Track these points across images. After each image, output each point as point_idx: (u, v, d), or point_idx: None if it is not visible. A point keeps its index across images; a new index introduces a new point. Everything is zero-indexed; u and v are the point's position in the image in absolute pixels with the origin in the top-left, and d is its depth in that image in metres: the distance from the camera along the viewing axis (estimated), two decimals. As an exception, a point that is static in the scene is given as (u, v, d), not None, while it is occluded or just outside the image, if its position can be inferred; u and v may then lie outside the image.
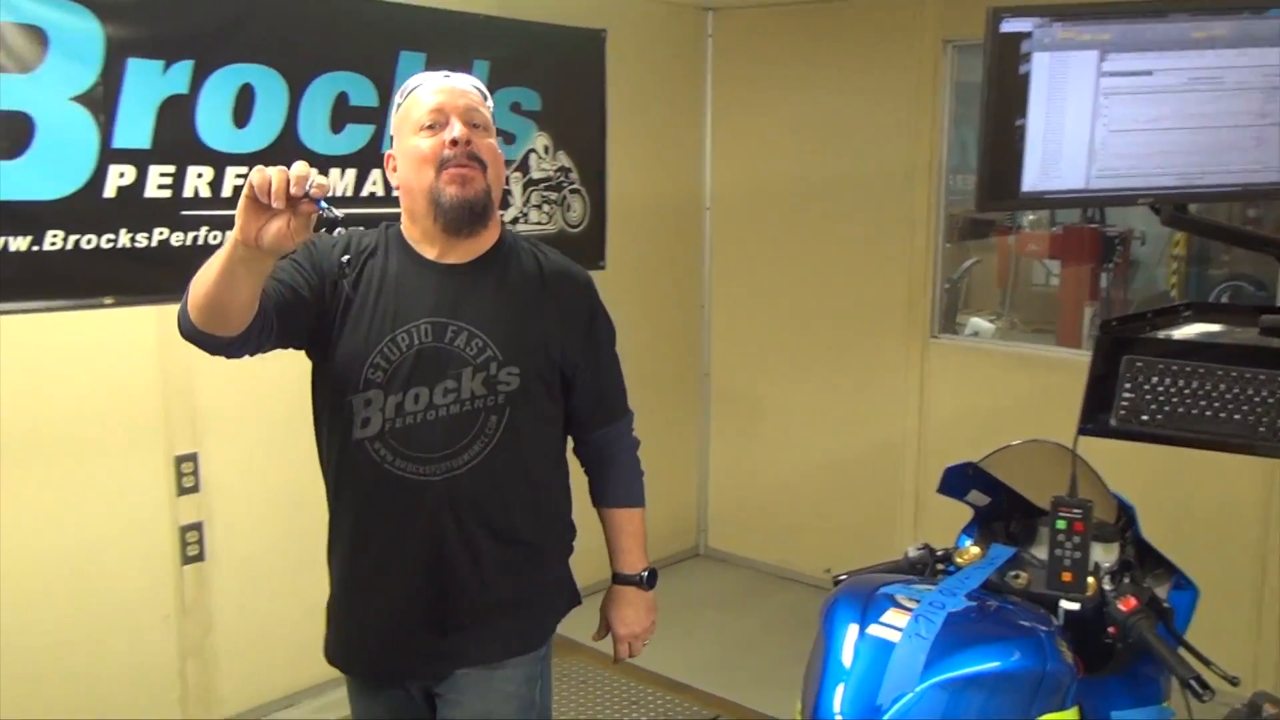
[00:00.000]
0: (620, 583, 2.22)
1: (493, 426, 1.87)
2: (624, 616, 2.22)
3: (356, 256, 1.89)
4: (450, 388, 1.83)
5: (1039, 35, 1.76)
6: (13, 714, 2.95)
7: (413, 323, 1.85)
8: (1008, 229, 5.13)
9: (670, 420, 5.02)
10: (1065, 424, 2.18)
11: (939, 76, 4.24)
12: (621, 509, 2.19)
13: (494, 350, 1.86)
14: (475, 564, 1.90)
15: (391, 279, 1.88)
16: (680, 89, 4.86)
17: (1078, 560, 1.85)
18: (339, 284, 1.86)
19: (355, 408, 1.84)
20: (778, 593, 4.78)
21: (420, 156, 1.85)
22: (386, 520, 1.88)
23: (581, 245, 4.39)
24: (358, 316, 1.85)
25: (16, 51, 2.76)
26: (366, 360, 1.83)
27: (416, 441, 1.84)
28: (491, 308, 1.89)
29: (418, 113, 1.88)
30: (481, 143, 1.87)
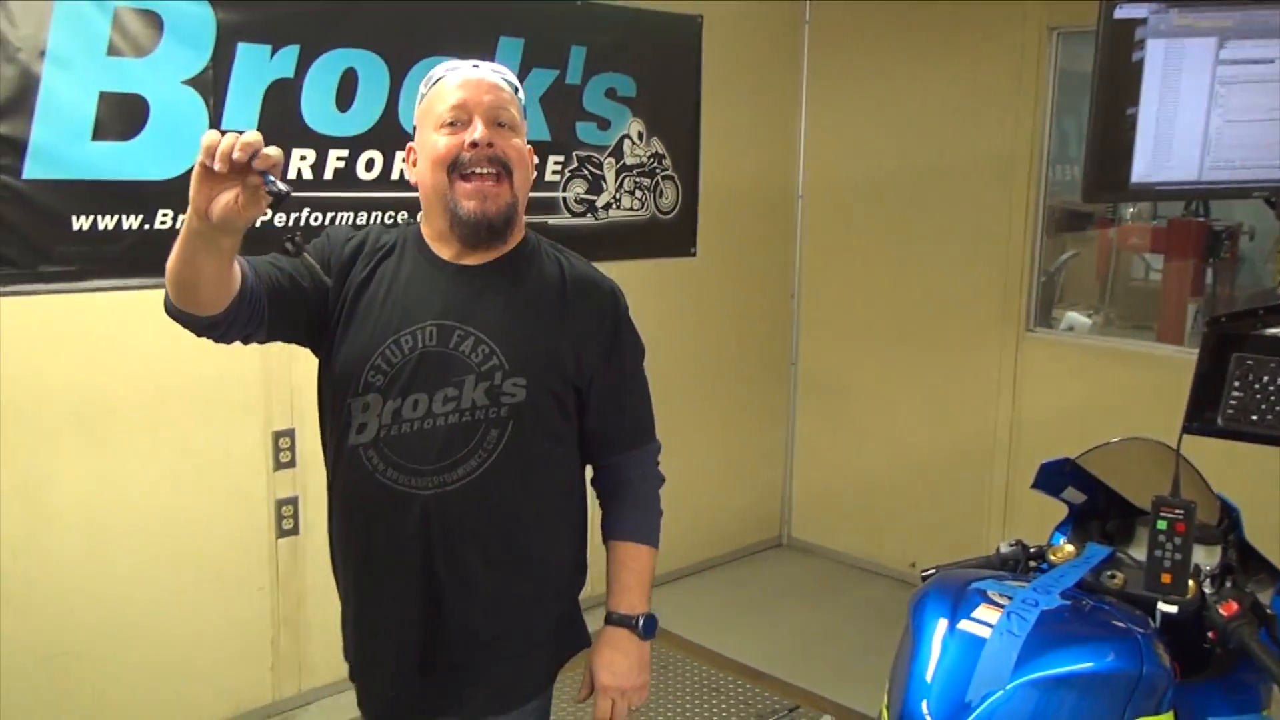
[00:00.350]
0: (612, 624, 1.86)
1: (493, 441, 1.70)
2: (611, 663, 1.84)
3: (370, 254, 1.77)
4: (451, 395, 1.69)
5: (1154, 21, 1.71)
6: (112, 668, 3.07)
7: (418, 325, 1.71)
8: (1108, 221, 5.00)
9: (756, 409, 5.01)
10: (1165, 422, 2.12)
11: (1043, 65, 4.14)
12: (628, 542, 1.89)
13: (500, 358, 1.71)
14: (465, 589, 1.73)
15: (403, 279, 1.76)
16: (776, 76, 4.83)
17: (1178, 562, 1.81)
18: (347, 280, 1.75)
19: (353, 411, 1.71)
20: (860, 585, 4.74)
21: (436, 156, 1.71)
22: (375, 533, 1.74)
23: (673, 232, 4.41)
24: (364, 317, 1.73)
25: (133, 36, 2.85)
26: (368, 362, 1.71)
27: (410, 451, 1.69)
28: (503, 313, 1.74)
29: (440, 106, 1.73)
30: (507, 144, 1.72)
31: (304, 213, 3.23)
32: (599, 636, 1.88)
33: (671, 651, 3.96)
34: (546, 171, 3.89)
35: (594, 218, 4.08)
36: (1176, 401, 1.98)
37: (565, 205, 3.98)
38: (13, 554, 2.90)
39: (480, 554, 1.72)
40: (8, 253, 2.75)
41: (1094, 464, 2.11)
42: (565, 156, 3.94)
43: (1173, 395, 1.95)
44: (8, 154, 2.71)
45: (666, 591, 4.60)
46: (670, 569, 4.71)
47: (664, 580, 4.66)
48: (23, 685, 2.94)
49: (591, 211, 4.07)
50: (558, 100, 3.86)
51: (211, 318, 1.59)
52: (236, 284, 1.58)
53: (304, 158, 3.22)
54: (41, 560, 2.94)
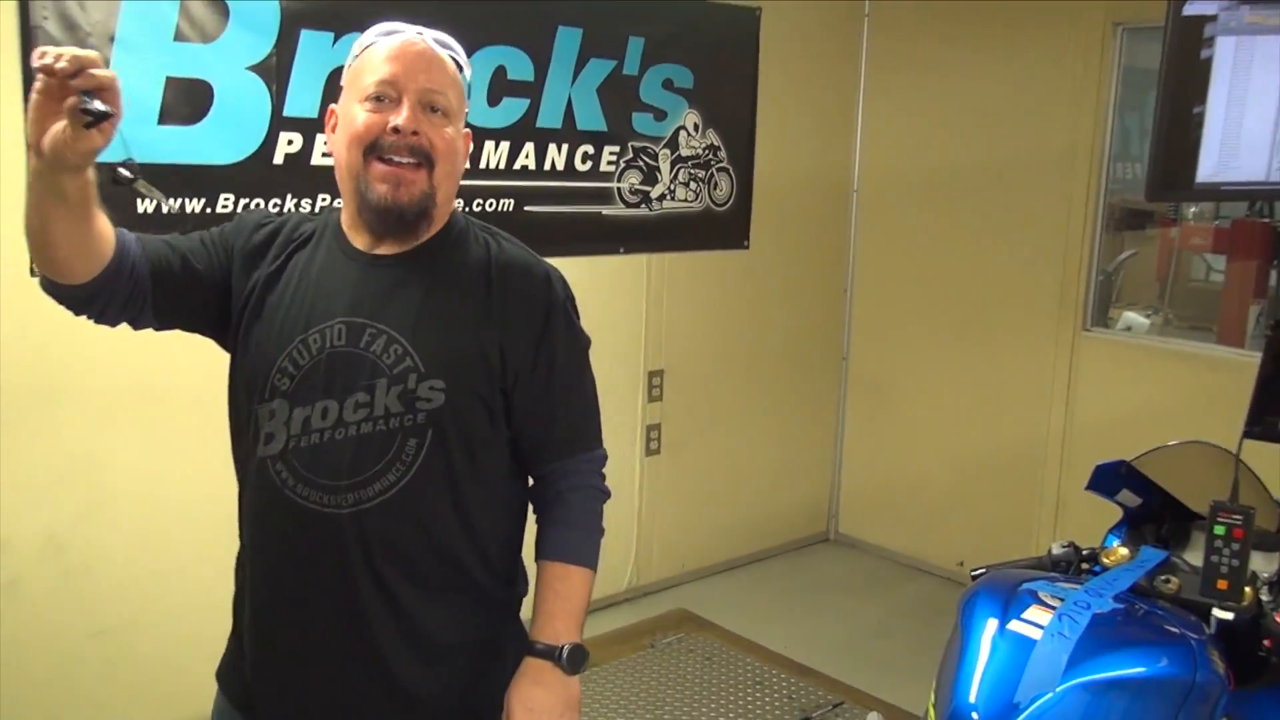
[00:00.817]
0: (533, 654, 1.56)
1: (411, 452, 1.49)
2: (529, 699, 1.53)
3: (285, 244, 1.59)
4: (363, 401, 1.49)
5: (1225, 19, 1.68)
6: (165, 644, 3.12)
7: (326, 323, 1.52)
8: (1170, 220, 4.92)
9: (806, 403, 4.99)
10: (1223, 425, 2.09)
11: (1106, 61, 4.08)
12: (556, 563, 1.61)
13: (414, 359, 1.50)
14: (394, 617, 1.52)
15: (314, 272, 1.56)
16: (834, 69, 4.80)
17: (1235, 568, 1.78)
18: (255, 272, 1.56)
19: (260, 419, 1.52)
20: (907, 582, 4.72)
21: (353, 132, 1.50)
22: (290, 557, 1.54)
23: (726, 224, 4.40)
24: (271, 314, 1.54)
25: (199, 22, 2.90)
26: (274, 365, 1.51)
27: (321, 465, 1.49)
28: (419, 308, 1.53)
29: (369, 76, 1.51)
30: (435, 133, 1.51)
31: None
32: (520, 668, 1.56)
33: (716, 643, 3.97)
34: (602, 162, 3.90)
35: (648, 209, 4.09)
36: (1236, 404, 1.95)
37: (620, 196, 3.99)
38: (70, 529, 2.97)
39: (408, 576, 1.52)
40: (74, 235, 2.81)
41: (1150, 467, 2.09)
42: (621, 147, 3.95)
43: (1232, 398, 1.93)
44: (77, 137, 2.76)
45: (712, 584, 4.61)
46: (717, 561, 4.71)
47: (710, 572, 4.67)
48: (77, 660, 3.02)
49: (646, 203, 4.07)
50: (615, 91, 3.87)
51: (81, 289, 1.42)
52: (106, 253, 1.42)
53: (363, 145, 3.25)
54: (97, 537, 3.01)
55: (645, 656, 3.85)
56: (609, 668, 3.73)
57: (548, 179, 3.75)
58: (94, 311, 1.48)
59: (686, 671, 3.75)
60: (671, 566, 4.53)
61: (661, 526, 4.44)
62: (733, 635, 4.05)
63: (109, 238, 1.44)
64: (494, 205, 3.61)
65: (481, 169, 3.55)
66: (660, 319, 4.28)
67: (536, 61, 3.63)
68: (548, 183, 3.75)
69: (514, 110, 3.60)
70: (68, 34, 2.70)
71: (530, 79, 3.63)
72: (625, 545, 4.33)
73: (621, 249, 4.06)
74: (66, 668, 2.99)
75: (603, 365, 4.68)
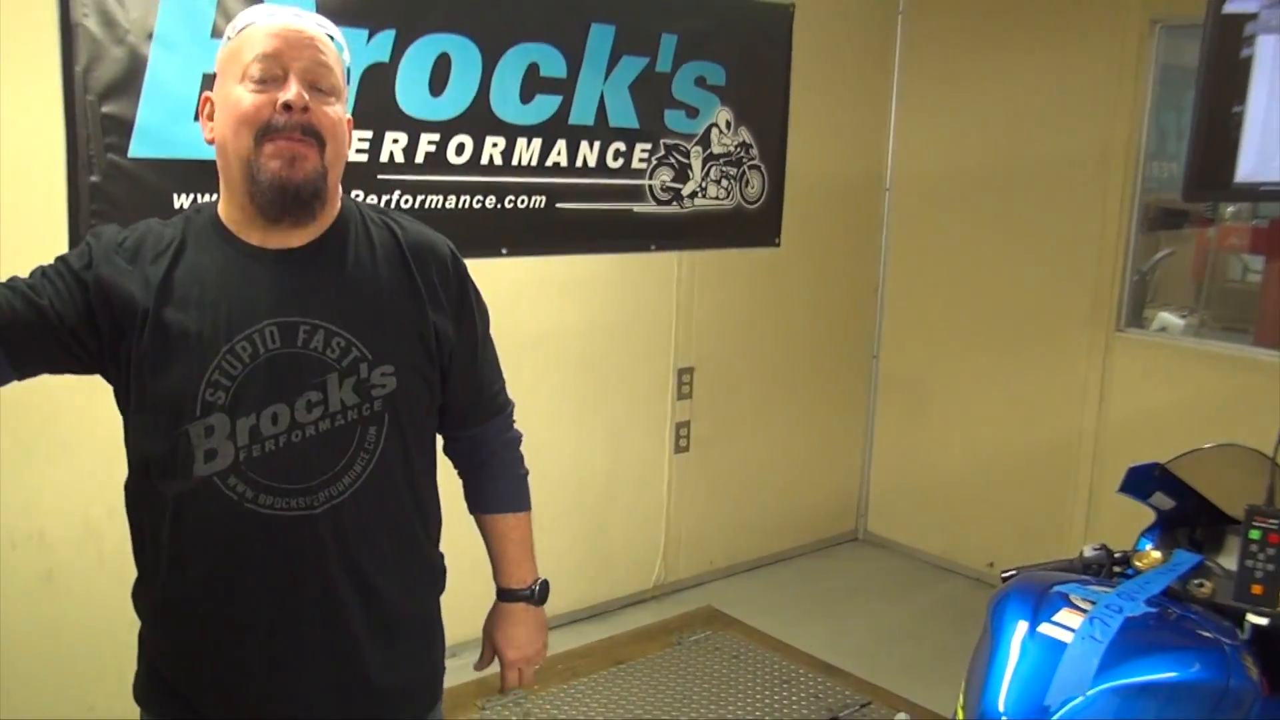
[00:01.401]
0: (508, 599, 1.79)
1: (372, 440, 1.51)
2: (513, 638, 1.79)
3: (155, 256, 1.49)
4: (315, 400, 1.47)
5: (1266, 17, 1.66)
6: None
7: (252, 327, 1.46)
8: (1207, 220, 4.86)
9: (836, 401, 4.98)
10: (1259, 427, 2.07)
11: (1144, 58, 4.04)
12: (508, 514, 1.78)
13: (360, 349, 1.50)
14: (364, 604, 1.55)
15: (213, 276, 1.48)
16: (867, 67, 4.78)
17: (1270, 573, 1.76)
18: (133, 294, 1.46)
19: (194, 439, 1.44)
20: (937, 582, 4.70)
21: (239, 114, 1.44)
22: (256, 568, 1.49)
23: (758, 222, 4.39)
24: (180, 330, 1.45)
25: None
26: (202, 379, 1.44)
27: (283, 471, 1.47)
28: (347, 296, 1.51)
29: (248, 55, 1.45)
30: (322, 111, 1.47)
31: (395, 195, 3.29)
32: (495, 613, 1.80)
33: (744, 641, 3.97)
34: (634, 159, 3.90)
35: (679, 206, 4.09)
36: (1272, 406, 1.93)
37: (651, 193, 3.99)
38: (109, 519, 2.99)
39: (375, 560, 1.56)
40: (113, 228, 2.84)
41: (1185, 470, 2.08)
42: (653, 144, 3.95)
43: (1269, 400, 1.91)
44: (115, 133, 2.80)
45: (739, 581, 4.61)
46: (745, 559, 4.71)
47: (738, 570, 4.67)
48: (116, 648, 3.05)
49: (677, 200, 4.07)
50: (647, 88, 3.87)
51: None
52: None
53: (396, 141, 3.27)
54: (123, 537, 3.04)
55: (672, 654, 3.86)
56: (635, 665, 3.74)
57: (579, 176, 3.76)
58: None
59: (713, 669, 3.75)
60: (699, 564, 4.53)
61: (690, 524, 4.44)
62: (760, 634, 4.04)
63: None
64: (526, 202, 3.62)
65: (514, 166, 3.56)
66: (690, 316, 4.29)
67: (569, 58, 3.63)
68: (579, 180, 3.76)
69: (546, 107, 3.61)
70: (107, 31, 2.73)
71: (563, 76, 3.63)
72: (653, 542, 4.33)
73: (652, 246, 4.07)
74: (105, 656, 3.02)
75: (633, 362, 4.72)
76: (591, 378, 3.99)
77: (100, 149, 2.79)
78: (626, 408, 4.15)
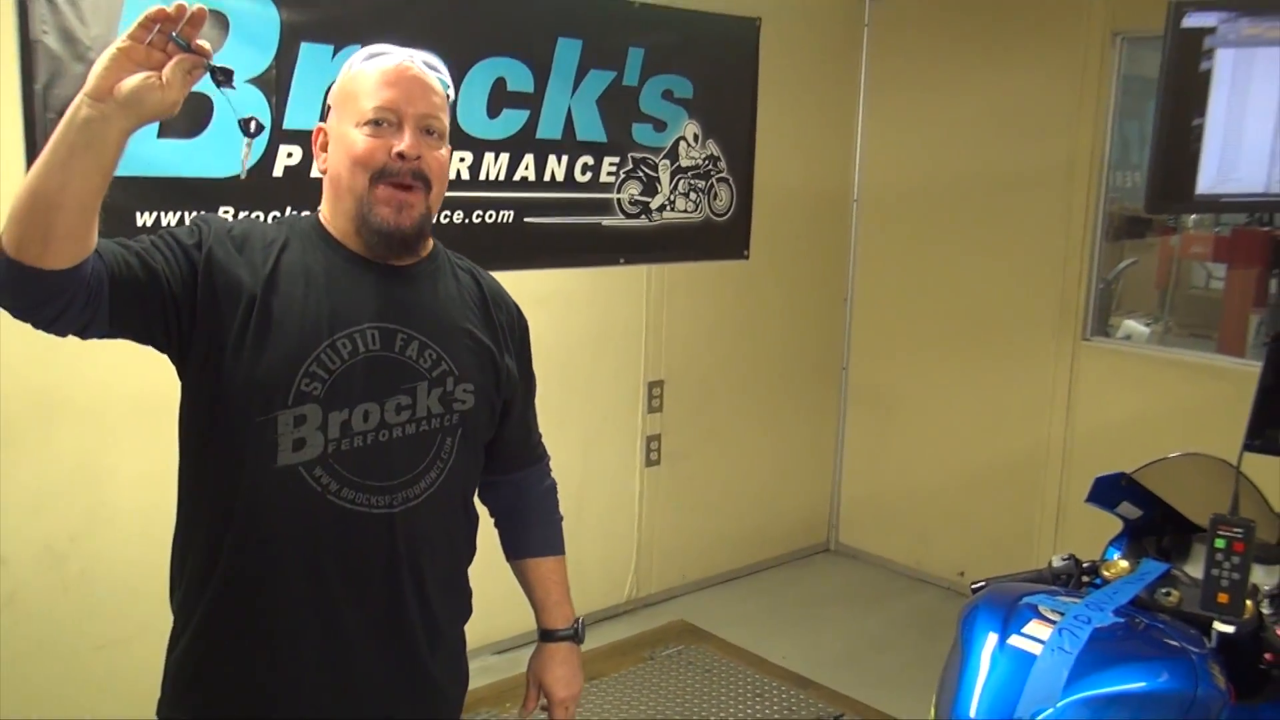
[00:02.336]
0: (554, 640, 1.84)
1: (448, 450, 1.62)
2: (563, 678, 1.83)
3: (263, 249, 1.55)
4: (405, 404, 1.56)
5: (1224, 31, 1.68)
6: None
7: (355, 327, 1.54)
8: (1169, 229, 4.92)
9: (806, 413, 4.99)
10: (1224, 435, 2.09)
11: (1105, 70, 4.08)
12: (551, 557, 1.86)
13: (449, 364, 1.61)
14: (421, 608, 1.62)
15: (320, 276, 1.55)
16: (834, 79, 4.81)
17: (1236, 582, 1.77)
18: (246, 275, 1.51)
19: (280, 427, 1.48)
20: (908, 593, 4.71)
21: (356, 155, 1.53)
22: (332, 561, 1.54)
23: (726, 234, 4.40)
24: (282, 318, 1.51)
25: (200, 35, 2.90)
26: (300, 370, 1.49)
27: (368, 467, 1.54)
28: (441, 317, 1.63)
29: (366, 100, 1.54)
30: (432, 156, 1.57)
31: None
32: (542, 655, 1.84)
33: (716, 655, 3.96)
34: (602, 173, 3.90)
35: (648, 219, 4.09)
36: (1236, 414, 1.94)
37: (619, 206, 3.99)
38: (70, 542, 2.96)
39: (434, 569, 1.64)
40: (74, 246, 2.81)
41: (1151, 479, 2.09)
42: (620, 158, 3.95)
43: (1233, 407, 1.92)
44: (76, 150, 2.77)
45: (711, 595, 4.60)
46: (716, 572, 4.70)
47: (710, 583, 4.66)
48: (78, 673, 3.01)
49: (646, 213, 4.08)
50: (615, 101, 3.87)
51: (58, 277, 1.29)
52: (92, 240, 1.31)
53: (362, 156, 3.25)
54: (99, 551, 3.00)
55: (645, 669, 3.84)
56: (608, 680, 3.73)
57: (548, 190, 3.75)
58: (54, 310, 1.34)
59: (687, 684, 3.74)
60: (671, 577, 4.52)
61: (661, 537, 4.43)
62: (733, 647, 4.04)
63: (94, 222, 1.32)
64: (494, 216, 3.61)
65: (481, 180, 3.55)
66: (660, 330, 4.28)
67: (536, 72, 3.63)
68: (548, 194, 3.75)
69: (514, 121, 3.60)
70: (67, 47, 2.70)
71: (530, 90, 3.63)
72: (625, 556, 4.32)
73: (621, 260, 4.06)
74: (67, 682, 2.98)
75: (603, 376, 4.71)
76: (562, 392, 3.98)
77: (61, 167, 2.75)
78: (597, 422, 4.13)
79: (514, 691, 3.35)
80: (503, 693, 3.49)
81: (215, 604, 1.56)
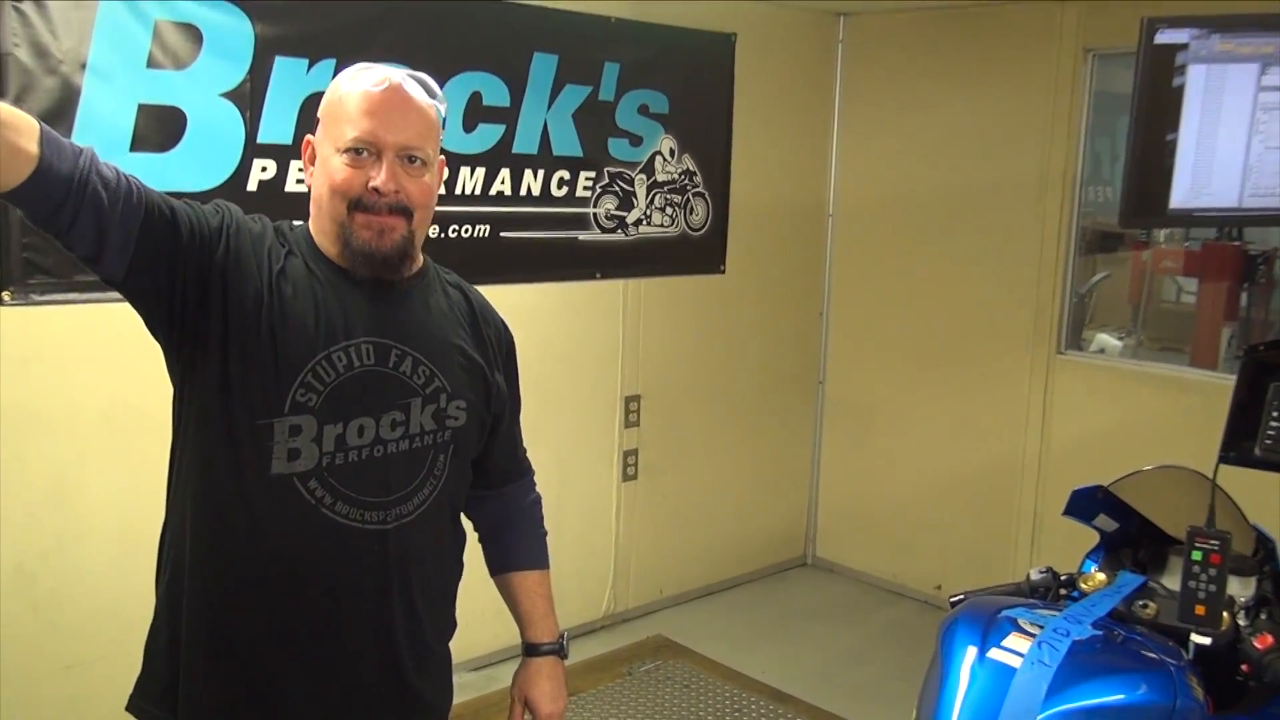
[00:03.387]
0: (539, 654, 1.82)
1: (440, 467, 1.62)
2: (549, 693, 1.81)
3: (277, 248, 1.55)
4: (398, 420, 1.56)
5: (1196, 47, 1.70)
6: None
7: (350, 341, 1.54)
8: (1141, 243, 4.96)
9: (782, 427, 4.99)
10: (1198, 448, 2.10)
11: (1078, 86, 4.12)
12: (536, 570, 1.85)
13: (442, 380, 1.61)
14: (408, 625, 1.62)
15: (317, 288, 1.54)
16: (809, 94, 4.83)
17: (1212, 594, 1.78)
18: (262, 267, 1.51)
19: (276, 435, 1.48)
20: (885, 606, 4.71)
21: (333, 184, 1.53)
22: (322, 573, 1.54)
23: (702, 249, 4.41)
24: (283, 321, 1.50)
25: (173, 49, 2.88)
26: (296, 378, 1.49)
27: (362, 483, 1.53)
28: (432, 334, 1.63)
29: (348, 127, 1.52)
30: (414, 185, 1.55)
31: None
32: (527, 669, 1.82)
33: (694, 670, 3.94)
34: (578, 187, 3.90)
35: (624, 234, 4.09)
36: (1209, 426, 1.96)
37: (596, 221, 3.99)
38: (41, 560, 2.92)
39: (424, 586, 1.64)
40: (44, 262, 2.78)
41: (1127, 492, 2.10)
42: (596, 173, 3.95)
43: (1205, 420, 1.94)
44: (47, 164, 2.74)
45: (689, 609, 4.59)
46: (693, 587, 4.69)
47: (687, 598, 4.65)
48: (48, 693, 2.96)
49: (622, 228, 4.08)
50: (590, 116, 3.88)
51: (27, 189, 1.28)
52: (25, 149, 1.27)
53: (338, 171, 3.24)
54: (70, 568, 2.97)
55: (623, 685, 3.83)
56: (586, 696, 3.70)
57: (523, 205, 3.75)
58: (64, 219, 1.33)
59: (664, 700, 3.72)
60: (649, 593, 4.50)
61: (639, 552, 4.42)
62: (710, 662, 4.02)
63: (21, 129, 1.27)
64: (469, 231, 3.60)
65: (457, 195, 3.54)
66: (637, 344, 4.28)
67: (512, 87, 3.63)
68: (523, 209, 3.75)
69: (489, 136, 3.60)
70: (39, 61, 2.68)
71: (506, 105, 3.62)
72: (602, 571, 4.30)
73: (598, 274, 4.06)
74: (37, 701, 2.93)
75: (580, 391, 4.69)
76: (538, 407, 3.93)
77: (31, 181, 2.72)
78: (574, 436, 4.12)
79: (490, 709, 3.33)
80: (479, 710, 3.46)
81: (199, 608, 1.54)
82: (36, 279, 2.78)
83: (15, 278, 2.75)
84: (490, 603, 1.87)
